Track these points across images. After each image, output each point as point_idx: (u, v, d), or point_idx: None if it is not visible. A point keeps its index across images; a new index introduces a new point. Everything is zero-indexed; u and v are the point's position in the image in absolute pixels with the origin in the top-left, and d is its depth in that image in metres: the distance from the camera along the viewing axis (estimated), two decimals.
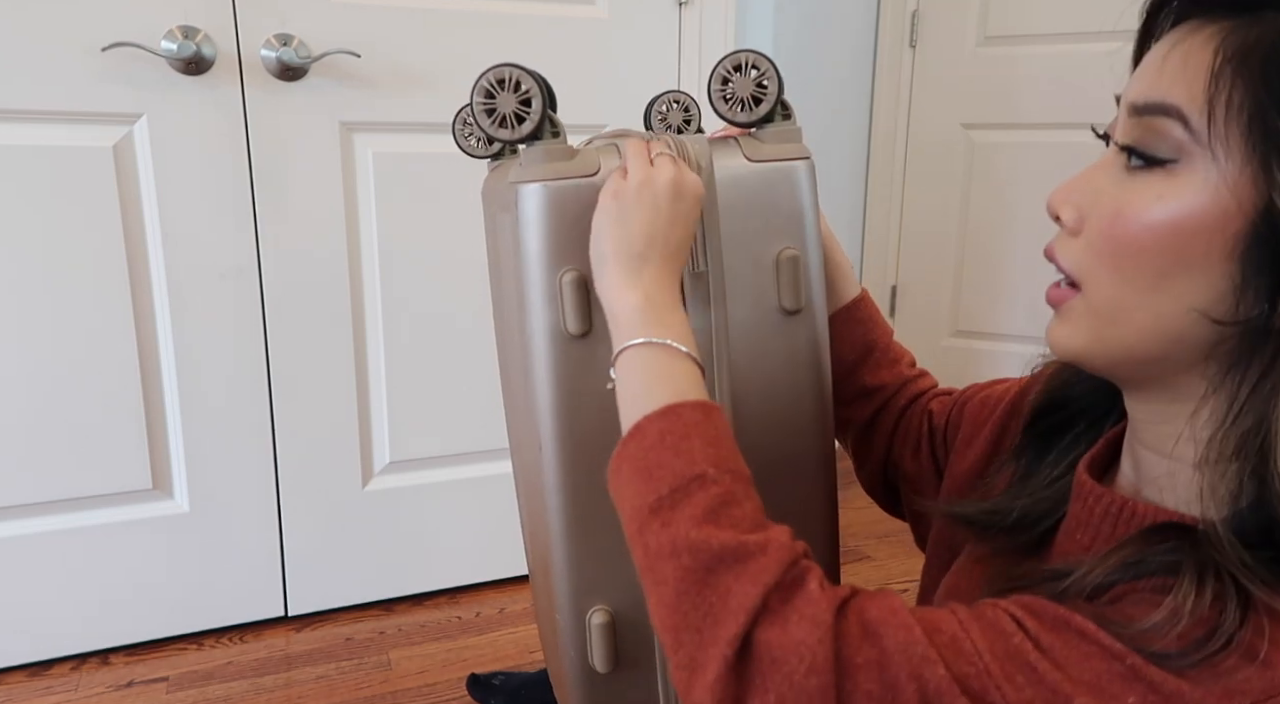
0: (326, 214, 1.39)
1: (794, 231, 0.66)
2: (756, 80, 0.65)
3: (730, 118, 0.65)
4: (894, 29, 2.23)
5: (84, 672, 1.39)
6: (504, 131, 0.62)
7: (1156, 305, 0.44)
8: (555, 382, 0.63)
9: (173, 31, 1.25)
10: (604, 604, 0.67)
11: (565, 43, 1.47)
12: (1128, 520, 0.49)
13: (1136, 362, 0.47)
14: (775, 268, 0.66)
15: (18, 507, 1.34)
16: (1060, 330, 0.50)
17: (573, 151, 0.62)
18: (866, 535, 1.81)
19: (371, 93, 1.37)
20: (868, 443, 0.81)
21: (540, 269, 0.62)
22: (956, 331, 2.36)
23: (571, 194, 0.61)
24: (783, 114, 0.66)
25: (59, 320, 1.29)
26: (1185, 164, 0.43)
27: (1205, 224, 0.42)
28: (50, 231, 1.26)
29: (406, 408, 1.51)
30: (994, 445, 0.67)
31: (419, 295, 1.47)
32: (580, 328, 0.62)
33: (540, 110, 0.61)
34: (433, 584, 1.61)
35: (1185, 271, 0.43)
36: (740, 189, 0.64)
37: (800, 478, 0.70)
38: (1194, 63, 0.43)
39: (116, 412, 1.35)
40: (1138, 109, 0.45)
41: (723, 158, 0.64)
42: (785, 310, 0.66)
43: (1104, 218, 0.46)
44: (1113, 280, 0.45)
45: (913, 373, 0.80)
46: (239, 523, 1.46)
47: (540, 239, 0.61)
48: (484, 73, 0.61)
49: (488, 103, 0.61)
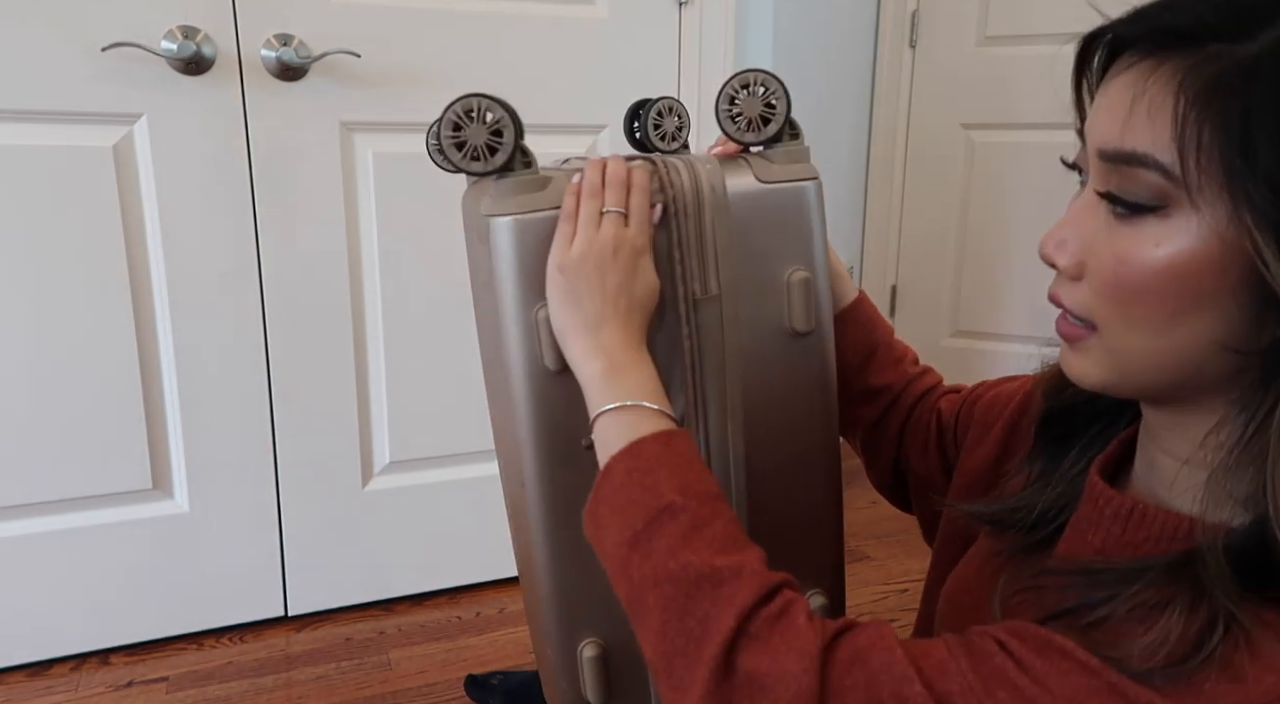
0: (326, 214, 1.39)
1: (804, 252, 0.65)
2: (765, 99, 0.64)
3: (739, 138, 0.64)
4: (894, 29, 2.23)
5: (84, 672, 1.39)
6: (476, 165, 0.60)
7: (1174, 341, 0.44)
8: (535, 418, 0.63)
9: (173, 31, 1.25)
10: (595, 636, 0.67)
11: (565, 43, 1.47)
12: (1137, 523, 0.50)
13: (1159, 389, 0.48)
14: (786, 290, 0.65)
15: (17, 507, 1.34)
16: (1080, 364, 0.50)
17: (545, 181, 0.61)
18: (866, 536, 1.81)
19: (371, 93, 1.37)
20: (876, 442, 0.81)
21: (516, 304, 0.61)
22: (956, 331, 2.36)
23: (545, 227, 0.60)
24: (790, 133, 0.65)
25: (59, 320, 1.29)
26: (1174, 209, 0.42)
27: (1206, 265, 0.42)
28: (50, 232, 1.26)
29: (406, 408, 1.51)
30: (1004, 444, 0.68)
31: (419, 295, 1.47)
32: (558, 364, 0.61)
33: (512, 141, 0.60)
34: (433, 584, 1.61)
35: (1197, 309, 0.43)
36: (751, 210, 0.64)
37: (808, 493, 0.70)
38: (1155, 109, 0.42)
39: (116, 412, 1.35)
40: (1109, 156, 0.45)
41: (733, 178, 0.63)
42: (796, 332, 0.65)
43: (1106, 266, 0.45)
44: (1128, 323, 0.45)
45: (916, 371, 0.80)
46: (239, 523, 1.46)
47: (514, 273, 0.61)
48: (450, 104, 0.60)
49: (456, 136, 0.60)
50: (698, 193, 0.62)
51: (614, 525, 0.53)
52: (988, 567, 0.61)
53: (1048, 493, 0.58)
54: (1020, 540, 0.59)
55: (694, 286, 0.63)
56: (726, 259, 0.63)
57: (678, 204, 0.62)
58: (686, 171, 0.63)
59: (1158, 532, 0.49)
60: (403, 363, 1.49)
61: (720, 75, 1.59)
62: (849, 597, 1.61)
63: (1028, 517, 0.58)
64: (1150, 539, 0.49)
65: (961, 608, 0.63)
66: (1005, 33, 2.15)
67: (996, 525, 0.61)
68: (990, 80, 2.19)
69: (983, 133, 2.23)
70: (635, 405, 0.56)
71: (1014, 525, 0.59)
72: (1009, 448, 0.67)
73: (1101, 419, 0.58)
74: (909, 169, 2.33)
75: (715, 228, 0.63)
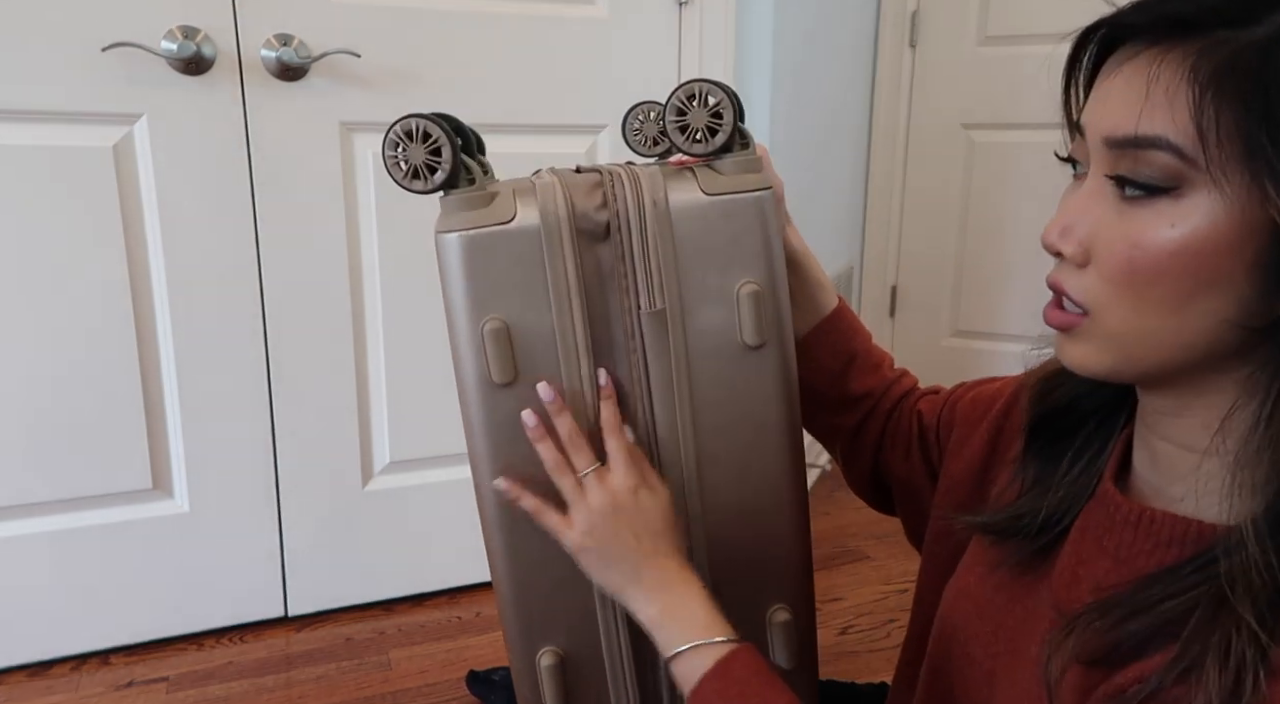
0: (326, 214, 1.39)
1: (754, 265, 0.64)
2: (712, 110, 0.62)
3: (687, 150, 0.63)
4: (894, 29, 2.23)
5: (84, 672, 1.39)
6: (417, 183, 0.61)
7: (1184, 323, 0.45)
8: (486, 430, 0.64)
9: (173, 31, 1.25)
10: (553, 645, 0.68)
11: (565, 43, 1.47)
12: (1146, 529, 0.50)
13: (1165, 372, 0.48)
14: (735, 303, 0.64)
15: (18, 507, 1.34)
16: (1079, 351, 0.49)
17: (489, 197, 0.61)
18: (866, 536, 1.81)
19: (371, 93, 1.37)
20: (856, 448, 0.81)
21: (464, 318, 0.62)
22: (956, 332, 2.36)
23: (488, 242, 0.61)
24: (741, 143, 0.64)
25: (59, 320, 1.29)
26: (1188, 189, 0.43)
27: (1222, 243, 0.43)
28: (50, 232, 1.26)
29: (406, 408, 1.51)
30: (990, 446, 0.67)
31: (419, 295, 1.47)
32: (504, 377, 0.62)
33: (450, 158, 0.60)
34: (433, 584, 1.61)
35: (1210, 288, 0.44)
36: (695, 223, 0.63)
37: (770, 508, 0.69)
38: (1172, 93, 0.43)
39: (116, 411, 1.35)
40: (1119, 142, 0.45)
41: (677, 191, 0.63)
42: (748, 346, 0.65)
43: (1118, 250, 0.45)
44: (1135, 307, 0.46)
45: (894, 375, 0.81)
46: (239, 523, 1.46)
47: (461, 288, 0.62)
48: (392, 125, 0.60)
49: (394, 156, 0.60)
50: (640, 207, 0.62)
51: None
52: (991, 577, 0.61)
53: (1049, 499, 0.57)
54: (1023, 548, 0.58)
55: (640, 301, 0.63)
56: (670, 273, 0.63)
57: (621, 218, 0.62)
58: (630, 185, 0.62)
59: (1167, 536, 0.49)
60: (403, 363, 1.49)
61: (720, 75, 1.59)
62: (850, 597, 1.62)
63: (1032, 523, 0.57)
64: (1161, 545, 0.49)
65: (965, 615, 0.62)
66: (1005, 33, 2.15)
67: (999, 535, 0.60)
68: (990, 80, 2.19)
69: (983, 133, 2.23)
70: (690, 648, 0.59)
71: (1017, 533, 0.59)
72: (995, 450, 0.67)
73: (1093, 419, 0.58)
74: (909, 169, 2.33)
75: (658, 241, 0.62)
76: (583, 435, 0.64)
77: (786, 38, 1.71)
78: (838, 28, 2.05)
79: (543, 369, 0.63)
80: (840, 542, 1.79)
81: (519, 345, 0.62)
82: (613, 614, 0.68)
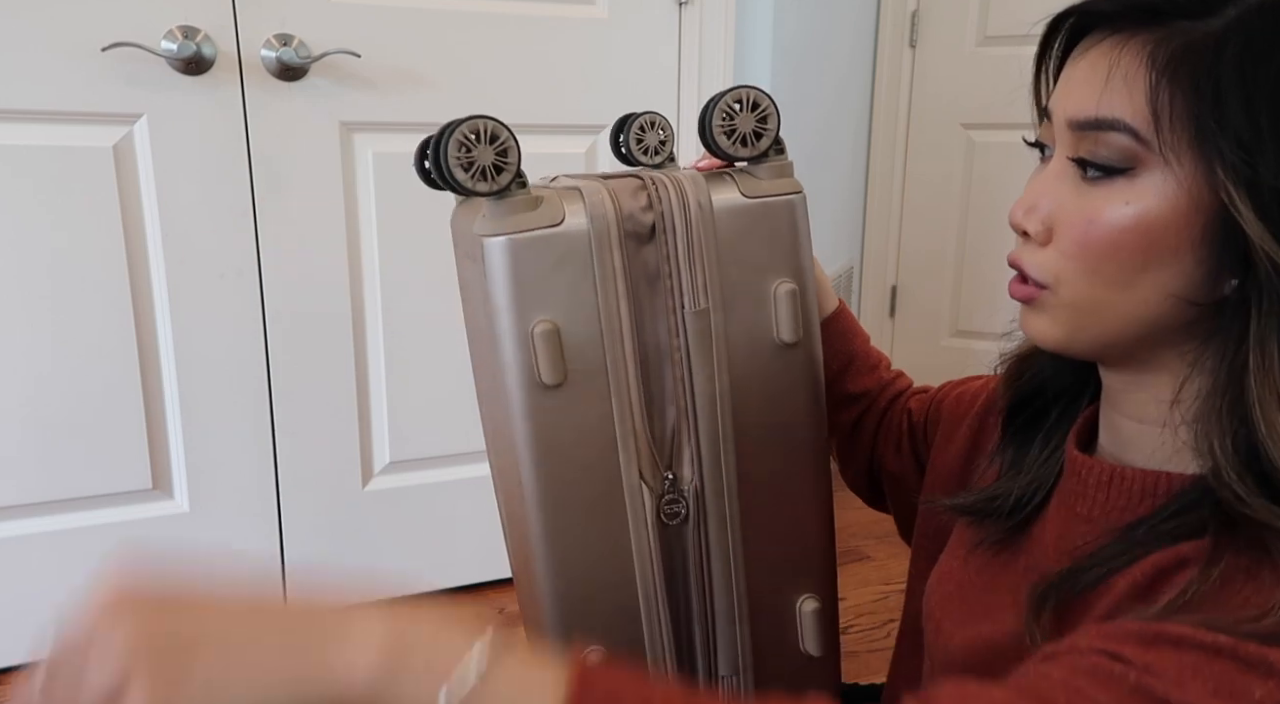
0: (326, 214, 1.39)
1: (790, 265, 0.66)
2: (759, 115, 0.65)
3: (732, 153, 0.66)
4: (894, 29, 2.23)
5: None
6: (483, 185, 0.61)
7: (1135, 296, 0.48)
8: (532, 432, 0.64)
9: (173, 31, 1.25)
10: (598, 645, 0.68)
11: (565, 43, 1.47)
12: (1119, 486, 0.53)
13: (1118, 345, 0.51)
14: (773, 302, 0.66)
15: (18, 506, 1.34)
16: (1038, 323, 0.53)
17: (536, 201, 0.62)
18: (866, 535, 1.81)
19: (371, 93, 1.37)
20: (853, 445, 0.84)
21: (511, 321, 0.62)
22: (956, 331, 2.36)
23: (538, 245, 0.61)
24: (776, 149, 0.67)
25: (59, 320, 1.29)
26: (1142, 169, 0.46)
27: (1172, 221, 0.46)
28: (50, 232, 1.26)
29: (406, 408, 1.51)
30: (973, 440, 0.71)
31: (419, 295, 1.47)
32: (555, 378, 0.62)
33: (516, 163, 0.61)
34: (433, 584, 1.61)
35: (1159, 264, 0.47)
36: (737, 224, 0.65)
37: (800, 498, 0.71)
38: (1130, 78, 0.46)
39: (116, 412, 1.35)
40: (1081, 125, 0.48)
41: (719, 193, 0.65)
42: (784, 343, 0.67)
43: (1076, 226, 0.48)
44: (1090, 282, 0.49)
45: (890, 376, 0.84)
46: (239, 523, 1.46)
47: (508, 292, 0.61)
48: (454, 125, 0.60)
49: (465, 157, 0.60)
50: (685, 209, 0.64)
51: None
52: (972, 558, 0.64)
53: (1022, 479, 0.60)
54: (1000, 526, 0.61)
55: (684, 301, 0.64)
56: (714, 273, 0.64)
57: (666, 220, 0.64)
58: (674, 188, 0.64)
59: (1139, 489, 0.52)
60: (403, 363, 1.49)
61: (720, 75, 1.59)
62: (850, 597, 1.62)
63: (1005, 503, 0.60)
64: (1134, 500, 0.52)
65: (947, 597, 0.64)
66: (1005, 33, 2.15)
67: (976, 516, 0.63)
68: (990, 80, 2.19)
69: (983, 133, 2.23)
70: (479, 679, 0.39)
71: (993, 514, 0.61)
72: (977, 444, 0.70)
73: (1062, 400, 0.62)
74: (909, 169, 2.33)
75: (703, 243, 0.64)
76: None
77: (786, 38, 1.72)
78: (838, 28, 2.05)
79: (590, 370, 0.64)
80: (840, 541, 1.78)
81: (566, 348, 0.63)
82: (656, 614, 0.69)
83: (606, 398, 0.64)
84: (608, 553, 0.66)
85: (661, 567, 0.67)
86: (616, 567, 0.66)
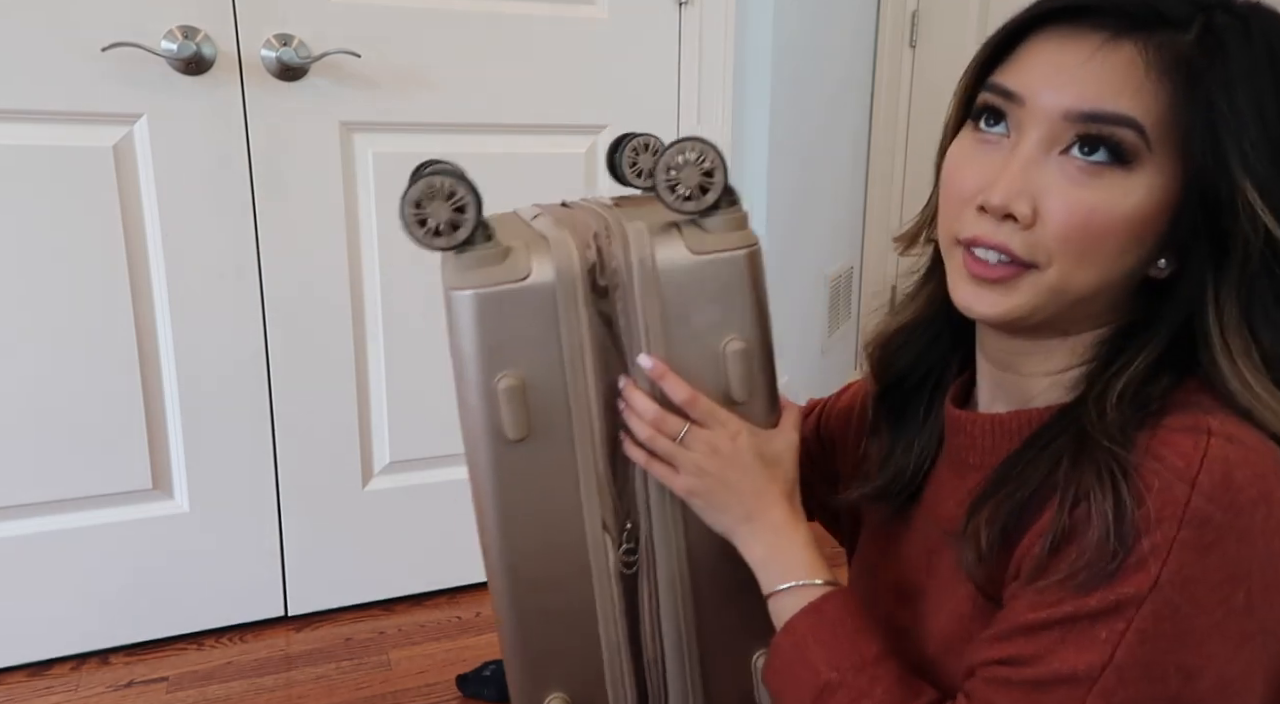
0: (326, 214, 1.39)
1: (740, 322, 0.65)
2: (704, 170, 0.63)
3: (678, 208, 0.64)
4: (894, 29, 2.23)
5: (84, 672, 1.39)
6: (439, 240, 0.60)
7: (1106, 275, 0.53)
8: (496, 487, 0.64)
9: (173, 31, 1.25)
10: (560, 691, 0.69)
11: (565, 43, 1.47)
12: (1002, 431, 0.59)
13: (1067, 317, 0.55)
14: (723, 359, 0.65)
15: (18, 507, 1.34)
16: (1006, 301, 0.54)
17: (504, 253, 0.61)
18: None
19: (371, 93, 1.37)
20: None
21: (477, 373, 0.62)
22: None
23: (505, 300, 0.61)
24: (728, 200, 0.65)
25: (59, 320, 1.29)
26: (1137, 165, 0.50)
27: (1157, 212, 0.51)
28: (50, 232, 1.26)
29: (406, 408, 1.51)
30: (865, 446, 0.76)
31: (419, 295, 1.47)
32: (518, 433, 0.62)
33: (474, 218, 0.60)
34: (433, 584, 1.61)
35: (1136, 248, 0.52)
36: (685, 281, 0.63)
37: None
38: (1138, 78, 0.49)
39: (116, 412, 1.35)
40: (1085, 117, 0.50)
41: (664, 249, 0.63)
42: (734, 401, 0.66)
43: (1075, 213, 0.51)
44: (1079, 264, 0.52)
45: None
46: (239, 523, 1.46)
47: (475, 345, 0.61)
48: (413, 181, 0.60)
49: (419, 213, 0.60)
50: (628, 268, 0.63)
51: (786, 702, 0.61)
52: (882, 531, 0.71)
53: (911, 454, 0.67)
54: (898, 501, 0.68)
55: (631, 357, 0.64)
56: (657, 331, 0.64)
57: (616, 278, 0.63)
58: (620, 244, 0.63)
59: (1017, 428, 0.58)
60: (403, 363, 1.49)
61: (720, 75, 1.59)
62: None
63: (902, 479, 0.67)
64: (1015, 437, 0.58)
65: (871, 571, 0.72)
66: None
67: (879, 498, 0.70)
68: None
69: None
70: (790, 587, 0.62)
71: (896, 490, 0.68)
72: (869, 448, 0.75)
73: (930, 380, 0.68)
74: (909, 169, 2.33)
75: (645, 300, 0.63)
76: (672, 417, 0.65)
77: (786, 37, 1.72)
78: (838, 28, 2.05)
79: (555, 424, 0.64)
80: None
81: (531, 401, 0.62)
82: (619, 661, 0.69)
83: (570, 449, 0.64)
84: (573, 605, 0.67)
85: (625, 616, 0.68)
86: (579, 614, 0.67)
